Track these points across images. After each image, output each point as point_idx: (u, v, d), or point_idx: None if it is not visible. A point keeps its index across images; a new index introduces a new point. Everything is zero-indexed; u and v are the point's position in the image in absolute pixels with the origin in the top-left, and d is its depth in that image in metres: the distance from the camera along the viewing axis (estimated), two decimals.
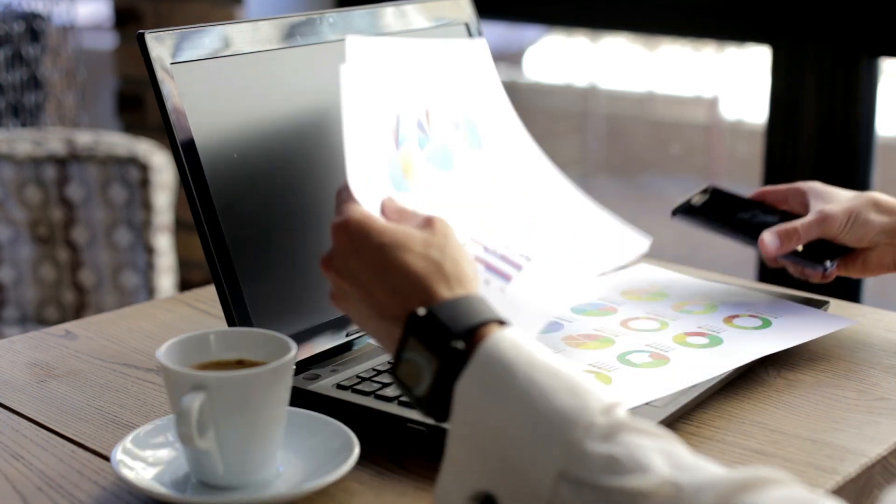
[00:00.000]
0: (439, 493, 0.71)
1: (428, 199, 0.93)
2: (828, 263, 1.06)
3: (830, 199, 1.08)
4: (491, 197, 1.00)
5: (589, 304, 1.09)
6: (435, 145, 0.97)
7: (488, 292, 0.87)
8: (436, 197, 0.94)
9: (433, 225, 0.79)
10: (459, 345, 0.71)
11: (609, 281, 1.15)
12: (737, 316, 1.05)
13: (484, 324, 0.72)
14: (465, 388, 0.69)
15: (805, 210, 1.10)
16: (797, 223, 1.06)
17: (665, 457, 0.64)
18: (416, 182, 0.93)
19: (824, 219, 1.05)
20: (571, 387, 0.68)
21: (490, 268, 0.89)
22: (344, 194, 0.82)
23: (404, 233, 0.77)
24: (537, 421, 0.66)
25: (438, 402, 0.71)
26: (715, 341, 1.00)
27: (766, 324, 1.03)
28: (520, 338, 0.71)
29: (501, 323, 0.73)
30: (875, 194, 1.07)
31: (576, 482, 0.64)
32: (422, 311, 0.73)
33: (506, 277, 0.89)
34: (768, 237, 1.06)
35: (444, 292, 0.74)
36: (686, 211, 1.16)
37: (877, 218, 1.05)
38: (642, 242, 1.07)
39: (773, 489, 0.62)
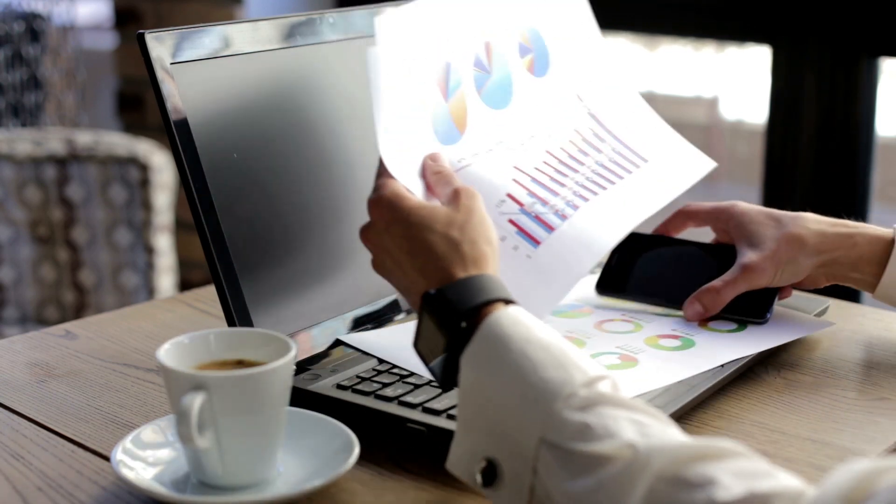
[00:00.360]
0: (451, 459, 0.75)
1: (477, 146, 0.95)
2: (768, 315, 1.03)
3: (753, 239, 1.02)
4: (548, 127, 1.01)
5: (564, 306, 1.08)
6: (493, 81, 0.99)
7: (515, 258, 0.90)
8: (486, 141, 0.96)
9: (458, 200, 0.84)
10: (464, 323, 0.76)
11: (588, 282, 1.14)
12: (713, 318, 1.04)
13: (489, 303, 0.77)
14: (468, 363, 0.75)
15: (727, 237, 1.06)
16: (718, 283, 1.02)
17: (636, 426, 0.68)
18: (469, 128, 0.95)
19: (749, 274, 1.01)
20: (560, 360, 0.73)
21: (521, 231, 0.91)
22: (382, 167, 0.86)
23: (429, 212, 0.82)
24: (525, 391, 0.72)
25: (449, 374, 0.77)
26: (687, 343, 0.99)
27: (742, 327, 1.02)
28: (521, 315, 0.76)
29: (508, 302, 0.78)
30: (799, 229, 1.00)
31: (554, 447, 0.69)
32: (433, 291, 0.78)
33: (535, 242, 0.91)
34: (690, 310, 1.03)
35: (459, 273, 0.79)
36: (607, 286, 1.10)
37: (806, 261, 1.00)
38: (708, 163, 1.06)
39: (729, 461, 0.64)
